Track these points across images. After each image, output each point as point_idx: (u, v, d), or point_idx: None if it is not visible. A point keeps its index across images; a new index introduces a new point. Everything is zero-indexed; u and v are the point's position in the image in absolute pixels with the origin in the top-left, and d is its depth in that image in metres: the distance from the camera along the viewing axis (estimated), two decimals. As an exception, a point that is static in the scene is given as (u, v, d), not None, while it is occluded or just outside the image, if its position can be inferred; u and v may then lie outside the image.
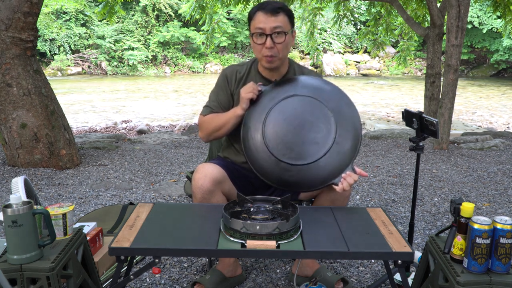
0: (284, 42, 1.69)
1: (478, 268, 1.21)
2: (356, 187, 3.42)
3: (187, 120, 8.50)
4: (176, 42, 19.87)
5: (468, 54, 19.70)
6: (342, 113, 1.70)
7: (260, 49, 1.71)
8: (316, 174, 1.63)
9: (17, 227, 1.21)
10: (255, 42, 1.71)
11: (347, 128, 1.68)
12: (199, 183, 1.65)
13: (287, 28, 1.70)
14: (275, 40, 1.68)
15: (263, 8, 1.68)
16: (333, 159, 1.63)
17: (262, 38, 1.68)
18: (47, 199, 3.05)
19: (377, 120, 8.84)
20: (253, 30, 1.70)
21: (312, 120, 1.67)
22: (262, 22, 1.67)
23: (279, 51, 1.70)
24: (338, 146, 1.64)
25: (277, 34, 1.67)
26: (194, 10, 7.37)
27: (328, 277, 1.81)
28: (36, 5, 3.55)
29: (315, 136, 1.65)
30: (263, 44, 1.69)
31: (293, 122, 1.67)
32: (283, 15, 1.69)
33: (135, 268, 2.02)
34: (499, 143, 4.97)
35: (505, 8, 6.66)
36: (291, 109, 1.68)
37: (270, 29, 1.66)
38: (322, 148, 1.63)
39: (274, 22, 1.66)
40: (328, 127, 1.66)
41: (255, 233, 1.34)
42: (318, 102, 1.69)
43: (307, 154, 1.63)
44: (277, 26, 1.66)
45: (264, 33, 1.67)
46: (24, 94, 3.58)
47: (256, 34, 1.69)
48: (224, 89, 1.84)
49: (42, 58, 17.87)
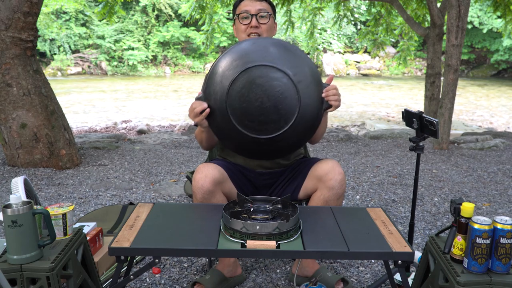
0: (268, 23, 1.82)
1: (478, 268, 1.21)
2: (356, 187, 3.42)
3: (187, 120, 8.49)
4: (176, 42, 19.88)
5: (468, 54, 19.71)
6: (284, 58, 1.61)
7: (245, 28, 1.81)
8: (304, 116, 1.60)
9: (17, 227, 1.21)
10: (241, 22, 1.81)
11: (296, 65, 1.60)
12: (199, 184, 1.65)
13: (271, 12, 1.84)
14: (259, 21, 1.80)
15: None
16: (307, 94, 1.59)
17: (248, 19, 1.80)
18: (47, 199, 3.05)
19: (377, 120, 8.84)
20: (238, 12, 1.82)
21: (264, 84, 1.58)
22: (247, 5, 1.81)
23: (263, 31, 1.81)
24: (302, 84, 1.58)
25: (262, 16, 1.80)
26: (194, 10, 7.37)
27: (328, 277, 1.81)
28: (36, 5, 3.55)
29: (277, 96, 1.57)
30: (248, 24, 1.80)
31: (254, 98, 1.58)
32: (266, 3, 1.84)
33: (135, 268, 2.02)
34: (499, 143, 4.97)
35: (505, 8, 6.66)
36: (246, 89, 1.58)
37: (255, 10, 1.80)
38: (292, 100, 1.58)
39: (259, 5, 1.80)
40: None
41: (255, 233, 1.34)
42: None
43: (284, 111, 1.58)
44: (261, 9, 1.80)
45: (250, 13, 1.79)
46: (24, 94, 3.58)
47: (241, 15, 1.81)
48: None
49: (42, 58, 17.88)
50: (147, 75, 18.90)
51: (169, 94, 13.05)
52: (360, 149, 4.85)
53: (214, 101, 1.60)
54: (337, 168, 1.71)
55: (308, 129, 1.67)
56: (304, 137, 1.71)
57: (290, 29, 8.09)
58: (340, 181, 1.70)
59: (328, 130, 5.60)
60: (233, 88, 1.57)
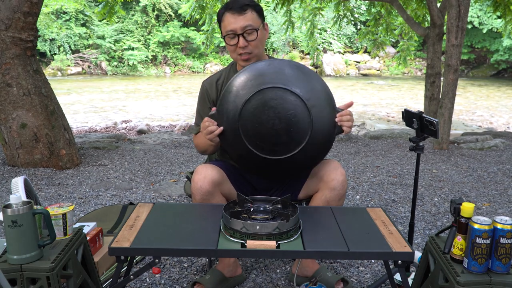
0: (257, 38, 1.71)
1: (478, 268, 1.21)
2: (356, 187, 3.42)
3: (187, 120, 8.49)
4: (176, 42, 19.87)
5: (468, 54, 19.69)
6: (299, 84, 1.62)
7: (234, 49, 1.73)
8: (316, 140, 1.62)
9: (17, 227, 1.21)
10: (228, 43, 1.72)
11: (310, 89, 1.61)
12: (198, 185, 1.65)
13: (257, 24, 1.71)
14: (247, 38, 1.70)
15: (230, 8, 1.69)
16: (320, 119, 1.61)
17: (235, 39, 1.70)
18: (47, 199, 3.05)
19: (377, 120, 8.84)
20: (224, 33, 1.71)
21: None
22: (231, 23, 1.68)
23: (253, 48, 1.72)
24: (315, 108, 1.59)
25: (248, 33, 1.69)
26: (194, 10, 7.38)
27: (328, 277, 1.81)
28: (36, 5, 3.55)
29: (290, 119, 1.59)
30: (236, 44, 1.70)
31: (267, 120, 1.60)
32: (251, 11, 1.69)
33: (135, 268, 2.02)
34: (499, 143, 4.97)
35: (505, 8, 6.66)
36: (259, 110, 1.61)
37: (240, 28, 1.68)
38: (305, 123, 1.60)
39: (243, 21, 1.67)
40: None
41: (255, 233, 1.34)
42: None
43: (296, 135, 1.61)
44: (246, 25, 1.67)
45: (236, 33, 1.68)
46: (24, 94, 3.58)
47: (228, 36, 1.70)
48: (204, 103, 1.86)
49: (42, 58, 17.87)
50: (147, 75, 18.90)
51: (169, 94, 13.05)
52: (360, 149, 4.85)
53: (227, 120, 1.61)
54: (339, 169, 1.71)
55: (319, 152, 1.69)
56: (315, 160, 1.72)
57: (290, 29, 8.09)
58: (342, 182, 1.70)
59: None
60: (246, 108, 1.58)
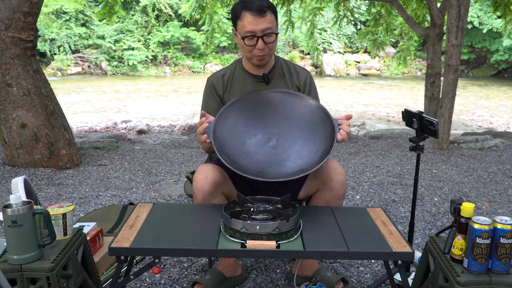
0: (275, 41, 1.70)
1: (478, 268, 1.21)
2: (356, 187, 3.42)
3: (187, 120, 8.49)
4: (176, 42, 19.86)
5: (468, 54, 19.68)
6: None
7: (251, 49, 1.71)
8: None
9: (17, 227, 1.21)
10: (246, 44, 1.69)
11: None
12: (199, 185, 1.65)
13: (275, 27, 1.70)
14: (266, 41, 1.68)
15: (249, 8, 1.65)
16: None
17: (253, 40, 1.68)
18: (47, 199, 3.05)
19: (377, 120, 8.84)
20: (242, 34, 1.68)
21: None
22: (252, 24, 1.64)
23: (270, 50, 1.72)
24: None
25: (268, 35, 1.67)
26: (194, 10, 7.37)
27: (328, 277, 1.81)
28: (36, 5, 3.54)
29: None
30: (254, 45, 1.68)
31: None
32: (270, 13, 1.67)
33: (135, 268, 2.02)
34: (499, 143, 4.96)
35: (505, 8, 6.66)
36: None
37: (260, 31, 1.65)
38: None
39: (263, 23, 1.64)
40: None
41: (255, 233, 1.34)
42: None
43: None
44: (267, 28, 1.66)
45: (255, 35, 1.66)
46: (24, 94, 3.58)
47: (247, 37, 1.67)
48: (212, 96, 1.86)
49: (42, 58, 17.85)
50: (147, 75, 18.88)
51: (169, 94, 13.04)
52: (360, 149, 4.85)
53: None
54: (338, 169, 1.71)
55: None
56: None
57: (290, 29, 8.09)
58: (342, 182, 1.70)
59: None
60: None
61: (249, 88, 1.81)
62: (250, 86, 1.81)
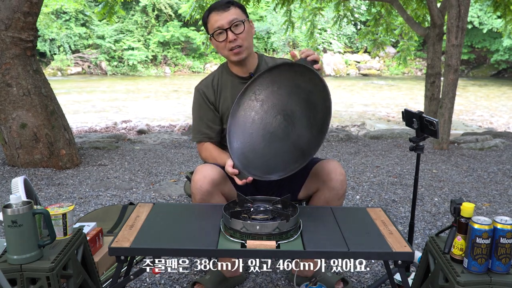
0: (244, 30, 1.72)
1: (478, 268, 1.21)
2: (356, 187, 3.42)
3: (187, 120, 8.49)
4: (176, 42, 19.87)
5: (468, 54, 19.69)
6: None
7: (224, 45, 1.73)
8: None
9: (17, 227, 1.21)
10: (217, 40, 1.73)
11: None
12: (198, 185, 1.65)
13: (242, 17, 1.73)
14: (235, 31, 1.71)
15: (214, 9, 1.72)
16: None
17: (223, 35, 1.71)
18: (47, 199, 3.05)
19: (377, 120, 8.84)
20: (211, 31, 1.73)
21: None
22: (217, 20, 1.71)
23: (242, 40, 1.72)
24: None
25: (235, 25, 1.70)
26: (194, 10, 7.37)
27: (328, 277, 1.81)
28: (36, 5, 3.55)
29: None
30: (226, 40, 1.71)
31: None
32: (234, 7, 1.73)
33: (135, 268, 2.02)
34: (499, 143, 4.96)
35: (505, 8, 6.66)
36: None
37: (227, 23, 1.70)
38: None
39: (228, 16, 1.70)
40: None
41: (255, 233, 1.34)
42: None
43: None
44: (232, 19, 1.70)
45: (223, 28, 1.70)
46: (24, 94, 3.58)
47: (215, 33, 1.72)
48: (205, 105, 1.85)
49: (42, 58, 17.86)
50: (147, 75, 18.89)
51: (169, 94, 13.04)
52: (360, 149, 4.85)
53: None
54: (338, 168, 1.71)
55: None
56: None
57: (290, 29, 8.09)
58: (342, 182, 1.70)
59: (328, 130, 5.60)
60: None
61: (239, 90, 1.72)
62: (239, 88, 1.74)
